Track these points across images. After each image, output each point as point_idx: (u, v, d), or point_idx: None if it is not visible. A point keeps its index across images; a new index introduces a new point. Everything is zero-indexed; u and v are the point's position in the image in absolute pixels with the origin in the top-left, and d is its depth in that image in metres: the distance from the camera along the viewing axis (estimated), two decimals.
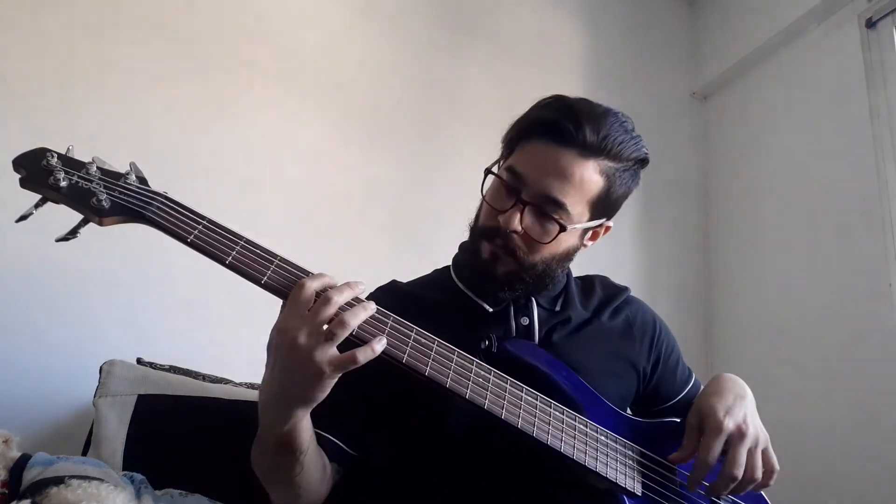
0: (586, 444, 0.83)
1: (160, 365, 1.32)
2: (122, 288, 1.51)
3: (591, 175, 0.88)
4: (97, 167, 0.72)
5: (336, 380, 0.69)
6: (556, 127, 0.87)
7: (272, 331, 0.70)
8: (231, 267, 0.71)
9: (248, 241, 0.73)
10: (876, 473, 1.67)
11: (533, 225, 0.88)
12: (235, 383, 1.36)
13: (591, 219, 0.93)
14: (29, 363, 1.39)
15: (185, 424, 1.21)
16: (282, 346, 0.68)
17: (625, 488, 0.84)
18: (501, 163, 0.95)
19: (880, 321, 1.75)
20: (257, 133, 1.77)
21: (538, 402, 0.82)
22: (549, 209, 0.88)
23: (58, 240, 0.70)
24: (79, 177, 0.70)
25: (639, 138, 0.93)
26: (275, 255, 0.73)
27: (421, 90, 2.06)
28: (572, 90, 1.05)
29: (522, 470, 0.85)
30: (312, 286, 0.69)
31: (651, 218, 2.40)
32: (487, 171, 0.94)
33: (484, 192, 0.95)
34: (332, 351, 0.67)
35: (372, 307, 0.73)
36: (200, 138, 1.69)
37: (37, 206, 0.70)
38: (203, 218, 0.73)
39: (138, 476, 1.03)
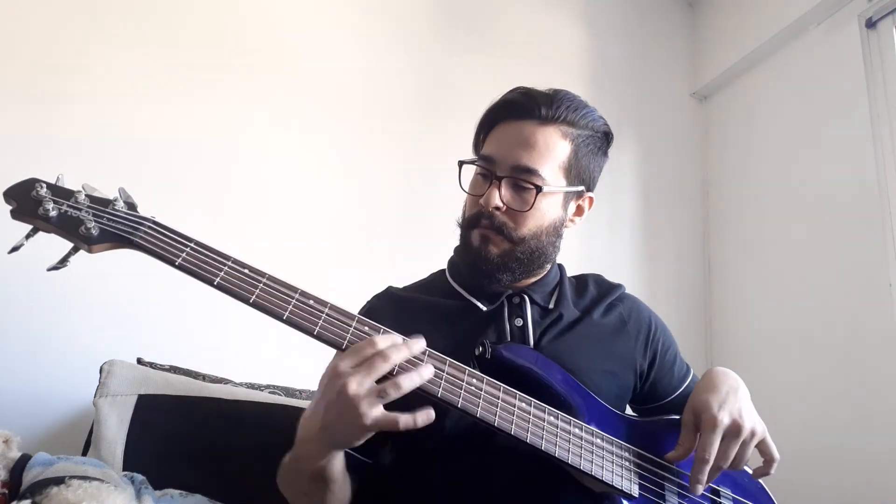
0: (581, 447, 0.83)
1: (160, 365, 1.32)
2: (123, 288, 1.51)
3: (554, 140, 0.94)
4: (86, 195, 0.73)
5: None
6: (512, 104, 0.96)
7: (327, 368, 0.71)
8: (219, 288, 0.71)
9: (236, 262, 0.73)
10: (876, 473, 1.67)
11: (512, 197, 0.93)
12: (235, 383, 1.36)
13: (567, 185, 0.97)
14: (29, 363, 1.39)
15: (185, 424, 1.21)
16: (333, 388, 0.69)
17: (621, 490, 0.84)
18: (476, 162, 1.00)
19: (880, 321, 1.75)
20: (254, 135, 1.77)
21: (532, 408, 0.81)
22: (522, 178, 0.93)
23: (49, 269, 0.71)
24: (68, 206, 0.71)
25: (593, 110, 1.00)
26: (262, 274, 0.73)
27: (421, 91, 2.06)
28: (572, 90, 1.05)
29: (520, 472, 0.85)
30: (381, 343, 0.70)
31: (651, 218, 2.40)
32: (461, 163, 1.00)
33: (463, 186, 1.01)
34: (378, 408, 0.68)
35: (429, 372, 0.73)
36: (196, 140, 1.68)
37: (28, 236, 0.71)
38: (190, 241, 0.73)
39: (138, 476, 1.03)
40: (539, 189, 0.92)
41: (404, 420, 0.70)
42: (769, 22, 2.27)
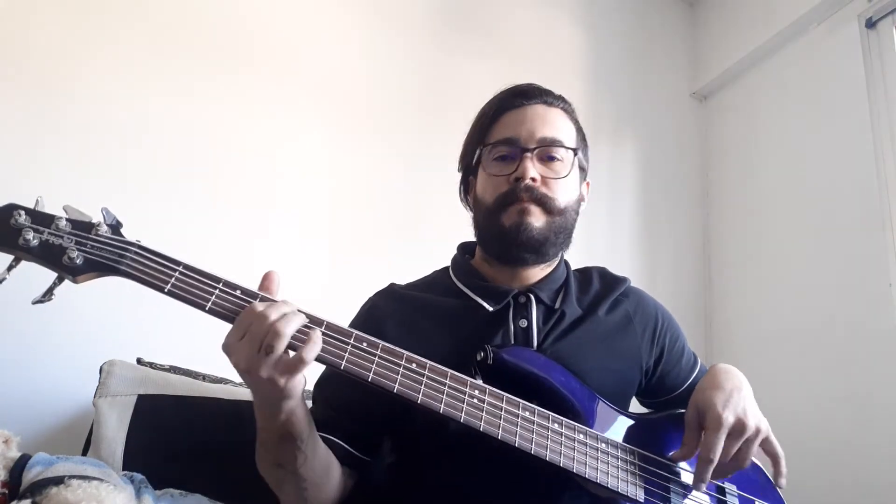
0: (586, 454, 0.82)
1: (160, 365, 1.32)
2: (123, 288, 1.50)
3: (563, 119, 1.00)
4: (67, 220, 0.70)
5: (301, 376, 0.70)
6: (518, 91, 1.00)
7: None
8: (211, 313, 0.71)
9: (227, 283, 0.72)
10: (876, 473, 1.67)
11: (545, 168, 0.95)
12: (235, 383, 1.35)
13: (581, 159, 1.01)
14: (29, 363, 1.39)
15: (185, 424, 1.21)
16: (236, 367, 0.70)
17: (626, 495, 0.84)
18: (484, 151, 0.99)
19: (880, 321, 1.75)
20: (258, 137, 1.77)
21: (535, 418, 0.81)
22: (555, 147, 0.96)
23: (34, 302, 0.70)
24: (49, 233, 0.69)
25: None
26: (255, 295, 0.72)
27: (421, 91, 2.06)
28: (572, 90, 1.06)
29: (524, 476, 0.85)
30: (257, 308, 0.69)
31: (651, 218, 2.40)
32: (469, 169, 1.01)
33: (476, 189, 1.01)
34: (275, 363, 0.68)
35: (301, 317, 0.71)
36: (201, 143, 1.68)
37: (10, 268, 0.69)
38: (178, 264, 0.72)
39: (138, 476, 1.03)
40: (576, 151, 0.96)
41: (307, 351, 0.68)
42: (769, 22, 2.28)
